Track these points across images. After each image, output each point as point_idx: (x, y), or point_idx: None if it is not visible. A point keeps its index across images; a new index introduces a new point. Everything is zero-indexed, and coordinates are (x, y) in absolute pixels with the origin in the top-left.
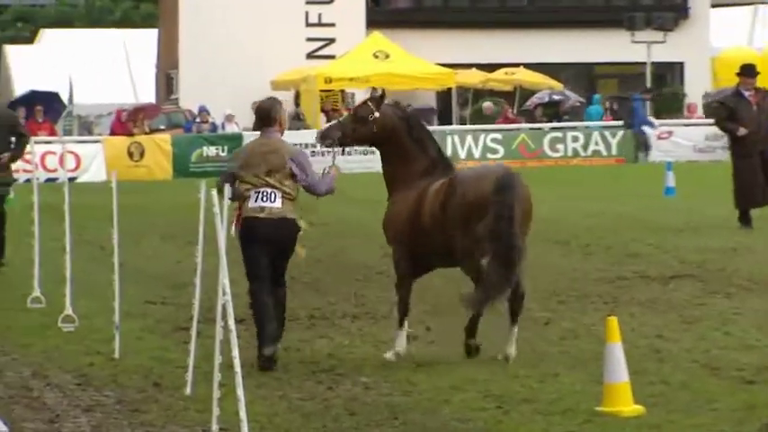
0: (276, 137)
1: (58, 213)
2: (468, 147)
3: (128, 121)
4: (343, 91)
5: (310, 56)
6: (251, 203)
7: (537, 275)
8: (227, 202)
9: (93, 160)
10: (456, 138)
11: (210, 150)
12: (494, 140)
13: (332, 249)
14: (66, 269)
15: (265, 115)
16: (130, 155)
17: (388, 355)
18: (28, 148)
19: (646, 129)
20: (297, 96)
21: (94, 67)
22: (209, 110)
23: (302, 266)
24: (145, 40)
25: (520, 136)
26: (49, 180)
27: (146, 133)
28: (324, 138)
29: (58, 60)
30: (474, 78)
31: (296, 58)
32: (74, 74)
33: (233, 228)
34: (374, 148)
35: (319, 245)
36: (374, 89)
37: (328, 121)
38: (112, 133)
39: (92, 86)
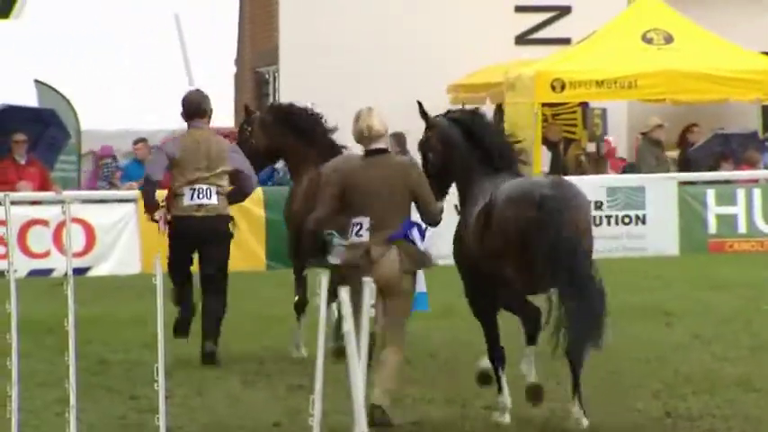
0: (209, 129)
1: None
2: None
3: None
4: (584, 105)
5: (523, 40)
6: (186, 201)
7: None
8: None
9: None
10: None
11: None
12: None
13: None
14: None
15: (195, 107)
16: None
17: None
18: None
19: None
20: (498, 113)
21: None
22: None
23: None
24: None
25: None
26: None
27: None
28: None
29: None
30: None
31: (496, 43)
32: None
33: (160, 226)
34: None
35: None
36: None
37: (555, 158)
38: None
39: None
